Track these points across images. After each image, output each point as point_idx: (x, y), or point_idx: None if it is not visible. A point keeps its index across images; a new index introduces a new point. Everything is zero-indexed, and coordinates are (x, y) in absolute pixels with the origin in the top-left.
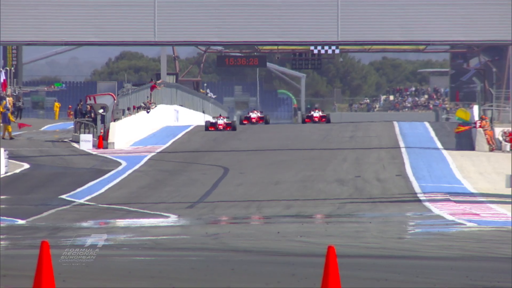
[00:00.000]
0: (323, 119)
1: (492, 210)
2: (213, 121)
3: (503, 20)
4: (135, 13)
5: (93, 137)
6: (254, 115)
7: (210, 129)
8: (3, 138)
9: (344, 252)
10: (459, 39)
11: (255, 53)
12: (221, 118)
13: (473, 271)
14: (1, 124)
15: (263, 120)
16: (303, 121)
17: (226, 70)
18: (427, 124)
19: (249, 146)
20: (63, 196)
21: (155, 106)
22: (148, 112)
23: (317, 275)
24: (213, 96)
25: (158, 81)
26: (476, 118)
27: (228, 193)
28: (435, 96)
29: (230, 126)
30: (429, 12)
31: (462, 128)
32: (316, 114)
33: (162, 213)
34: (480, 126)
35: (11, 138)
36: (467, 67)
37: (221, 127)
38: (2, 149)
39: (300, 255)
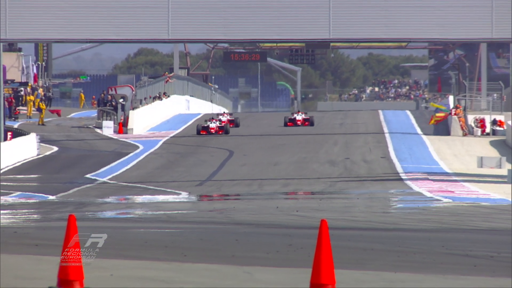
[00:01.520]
0: (307, 123)
1: (465, 187)
2: (205, 124)
3: (476, 20)
4: (151, 14)
5: (114, 123)
6: (299, 117)
7: (202, 133)
8: (39, 124)
9: (335, 224)
10: (436, 37)
11: (257, 50)
12: (224, 115)
13: (448, 241)
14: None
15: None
16: (285, 125)
17: (231, 65)
18: (408, 112)
19: (252, 132)
20: (88, 175)
21: (168, 97)
22: (160, 100)
23: (311, 245)
24: (216, 87)
25: (170, 74)
26: (451, 107)
27: (232, 173)
28: (415, 88)
29: (222, 130)
30: (410, 13)
31: (439, 118)
32: (299, 117)
33: (174, 190)
34: (455, 114)
35: (42, 124)
36: (446, 58)
37: (213, 131)
38: (35, 134)
39: (296, 228)
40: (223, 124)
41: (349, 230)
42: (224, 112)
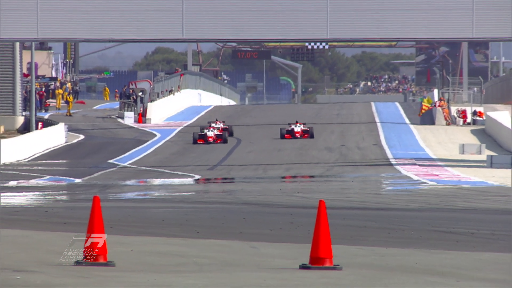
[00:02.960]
0: (306, 135)
1: (448, 172)
2: (202, 133)
3: (458, 21)
4: (167, 16)
5: (134, 114)
6: (298, 128)
7: (199, 142)
8: (67, 115)
9: (332, 204)
10: (422, 37)
11: (262, 48)
12: (217, 123)
13: (433, 219)
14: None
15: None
16: (282, 137)
17: (239, 62)
18: (397, 104)
19: (258, 121)
20: (111, 161)
21: (180, 91)
22: (173, 94)
23: (311, 223)
24: (228, 78)
25: (182, 71)
26: (436, 99)
27: (240, 159)
28: (403, 82)
29: (221, 139)
30: (399, 15)
31: (426, 108)
32: (298, 128)
33: (188, 174)
34: (439, 106)
35: (70, 115)
36: (434, 54)
37: (211, 139)
38: (63, 124)
39: (297, 207)
40: (221, 132)
41: (344, 209)
42: (216, 120)
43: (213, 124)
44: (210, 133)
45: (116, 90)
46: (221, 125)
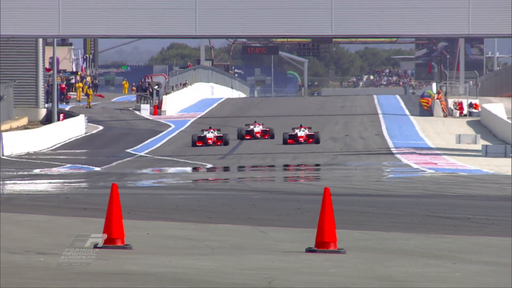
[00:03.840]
0: (310, 140)
1: (446, 160)
2: (201, 134)
3: (455, 19)
4: (181, 14)
5: (150, 106)
6: (301, 132)
7: (197, 144)
8: (87, 107)
9: (336, 191)
10: (422, 33)
11: (270, 44)
12: (211, 131)
13: (432, 205)
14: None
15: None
16: (285, 142)
17: (249, 57)
18: (398, 97)
19: (266, 113)
20: (128, 150)
21: (192, 84)
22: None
23: (316, 209)
24: (240, 72)
25: (194, 66)
26: (434, 92)
27: (250, 148)
28: (404, 76)
29: (221, 140)
30: (400, 13)
31: (426, 100)
32: (301, 133)
33: (201, 163)
34: (437, 98)
35: (90, 107)
36: (435, 48)
37: (210, 141)
38: (83, 115)
39: (303, 194)
40: (222, 134)
41: (348, 196)
42: (210, 127)
43: (206, 133)
44: (209, 135)
45: (133, 83)
46: (214, 133)
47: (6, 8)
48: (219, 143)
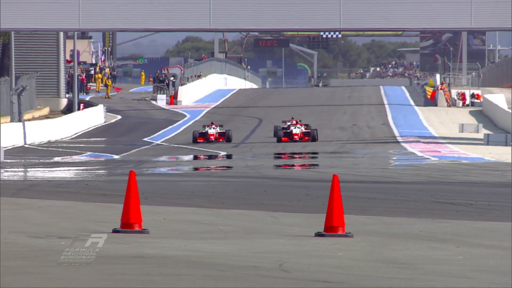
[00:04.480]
0: (306, 137)
1: (449, 148)
2: (203, 131)
3: (458, 12)
4: (196, 8)
5: (166, 97)
6: (296, 129)
7: (199, 140)
8: (105, 98)
9: (345, 178)
10: (426, 27)
11: (281, 37)
12: (213, 126)
13: (436, 191)
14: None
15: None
16: (279, 139)
17: (261, 49)
18: (403, 87)
19: (277, 103)
20: (145, 139)
21: (206, 76)
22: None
23: (325, 195)
24: (249, 67)
25: (208, 58)
26: (438, 83)
27: (261, 137)
28: (409, 68)
29: (223, 137)
30: (405, 7)
31: (430, 91)
32: (296, 130)
33: (215, 151)
34: (441, 89)
35: (109, 97)
36: (440, 40)
37: (212, 137)
38: (102, 105)
39: (313, 181)
40: (224, 130)
41: (356, 183)
42: (212, 123)
43: (208, 129)
44: (211, 131)
45: (150, 75)
46: (216, 130)
47: (29, 2)
48: (221, 140)
